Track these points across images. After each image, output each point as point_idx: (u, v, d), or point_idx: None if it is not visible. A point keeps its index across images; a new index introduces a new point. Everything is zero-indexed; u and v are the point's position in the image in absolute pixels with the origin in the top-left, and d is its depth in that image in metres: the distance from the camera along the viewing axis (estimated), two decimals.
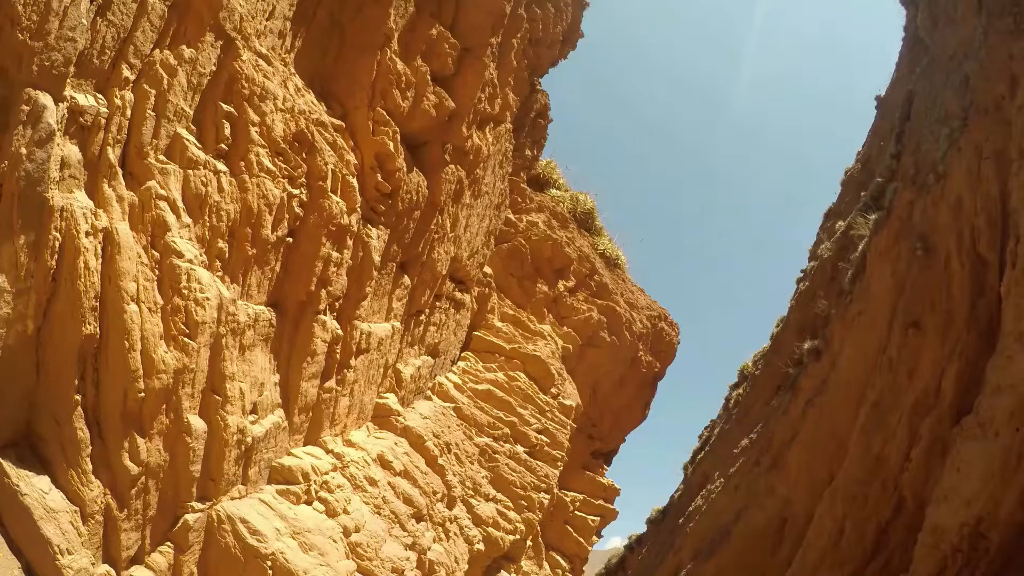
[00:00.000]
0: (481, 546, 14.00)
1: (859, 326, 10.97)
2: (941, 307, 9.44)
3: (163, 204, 6.53)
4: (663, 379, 22.00)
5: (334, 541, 9.36)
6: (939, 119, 8.33)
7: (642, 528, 28.28)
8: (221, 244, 7.53)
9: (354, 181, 10.04)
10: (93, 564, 6.63)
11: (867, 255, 10.30)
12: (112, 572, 6.95)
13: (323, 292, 9.80)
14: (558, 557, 19.15)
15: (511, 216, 17.18)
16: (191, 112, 6.90)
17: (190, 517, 7.71)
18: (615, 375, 19.93)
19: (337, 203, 9.57)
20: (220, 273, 7.65)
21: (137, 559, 7.32)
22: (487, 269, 16.21)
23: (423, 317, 13.71)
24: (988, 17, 7.06)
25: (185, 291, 6.89)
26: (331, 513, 9.66)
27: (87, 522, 6.40)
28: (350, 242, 10.21)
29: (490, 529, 14.34)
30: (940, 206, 8.26)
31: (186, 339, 6.99)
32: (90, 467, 6.21)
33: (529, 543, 16.65)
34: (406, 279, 12.58)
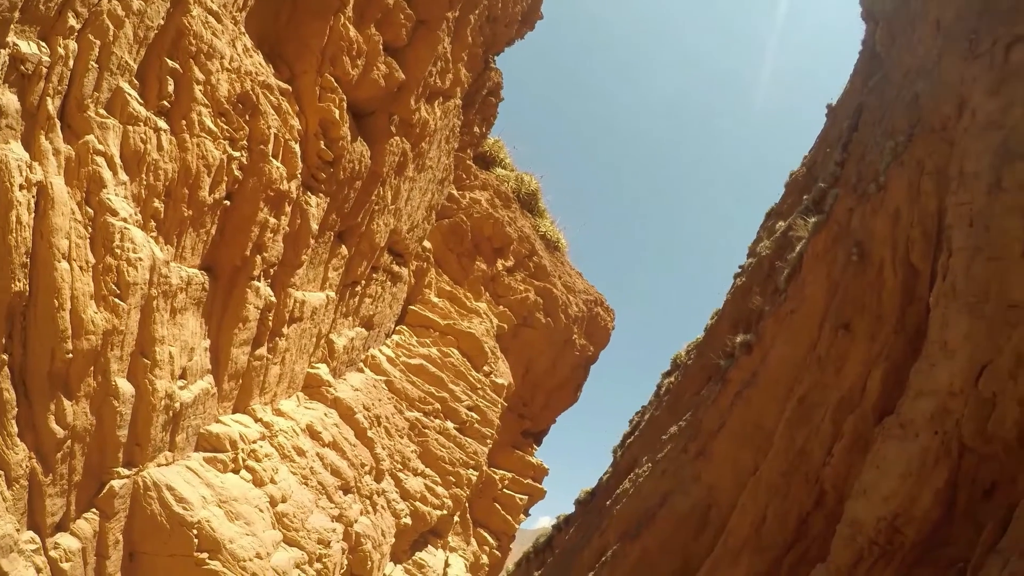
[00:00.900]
0: (408, 520, 14.07)
1: (791, 324, 11.44)
2: (872, 311, 9.93)
3: (100, 160, 6.25)
4: (596, 363, 22.43)
5: (260, 511, 9.27)
6: (886, 132, 8.71)
7: (571, 508, 28.91)
8: (157, 204, 7.27)
9: (296, 147, 9.82)
10: (18, 530, 6.40)
11: (804, 256, 10.77)
12: (36, 539, 6.72)
13: (258, 258, 9.59)
14: (485, 534, 19.41)
15: (454, 192, 17.13)
16: (135, 66, 6.60)
17: (116, 483, 7.49)
18: (548, 356, 20.21)
19: (278, 168, 9.35)
20: (154, 233, 7.39)
21: (62, 525, 7.10)
22: (426, 244, 16.14)
23: (359, 288, 13.58)
24: (945, 40, 7.40)
25: (118, 250, 6.64)
26: (258, 482, 9.55)
27: (11, 486, 6.14)
28: (288, 208, 10.01)
29: (417, 503, 14.42)
30: (878, 215, 8.69)
31: (117, 300, 6.74)
32: (15, 429, 5.94)
33: (457, 519, 16.82)
34: (343, 249, 12.43)
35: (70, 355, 6.19)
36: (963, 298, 7.89)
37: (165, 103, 7.19)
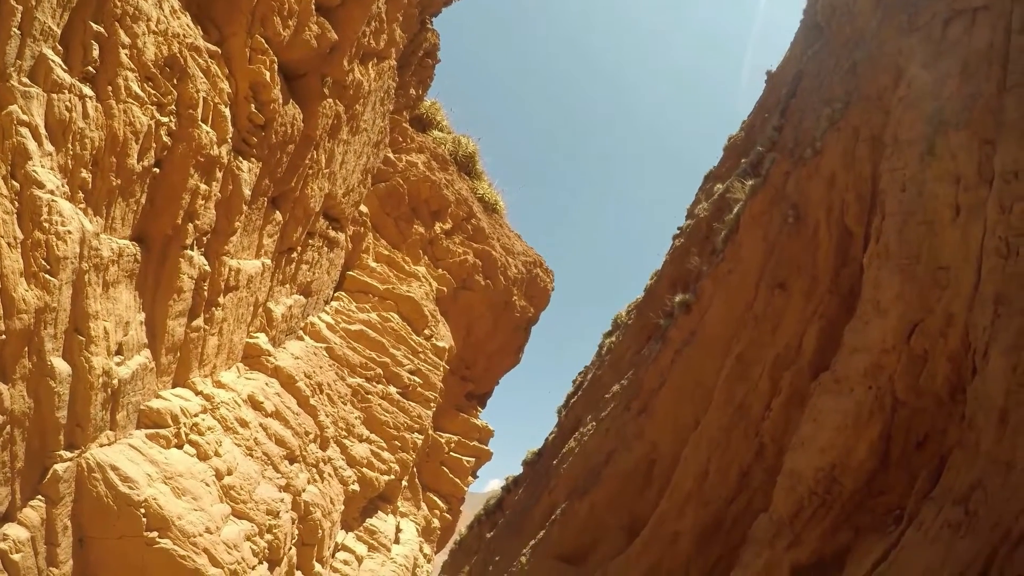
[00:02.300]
0: (356, 487, 14.09)
1: (729, 283, 11.85)
2: (807, 271, 10.35)
3: (24, 131, 5.87)
4: (537, 324, 22.69)
5: (207, 485, 9.14)
6: (823, 99, 9.00)
7: (519, 470, 29.54)
8: (84, 174, 6.91)
9: (226, 111, 9.46)
10: None
11: (741, 218, 11.09)
12: None
13: (190, 226, 9.26)
14: (435, 498, 19.62)
15: (390, 155, 16.84)
16: (59, 31, 6.20)
17: (59, 467, 7.27)
18: (489, 318, 20.32)
19: (207, 133, 9.00)
20: (83, 205, 7.04)
21: (9, 516, 6.88)
22: (363, 208, 15.88)
23: (295, 255, 13.31)
24: (884, 12, 7.63)
25: (46, 224, 6.31)
26: (202, 456, 9.39)
27: None
28: (220, 174, 9.67)
29: (364, 470, 14.45)
30: (814, 179, 9.01)
31: (48, 276, 6.43)
32: None
33: (405, 483, 16.93)
34: (278, 215, 12.13)
35: (3, 336, 5.91)
36: (895, 260, 8.31)
37: (90, 69, 6.80)
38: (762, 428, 11.70)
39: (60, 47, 6.44)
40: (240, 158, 10.17)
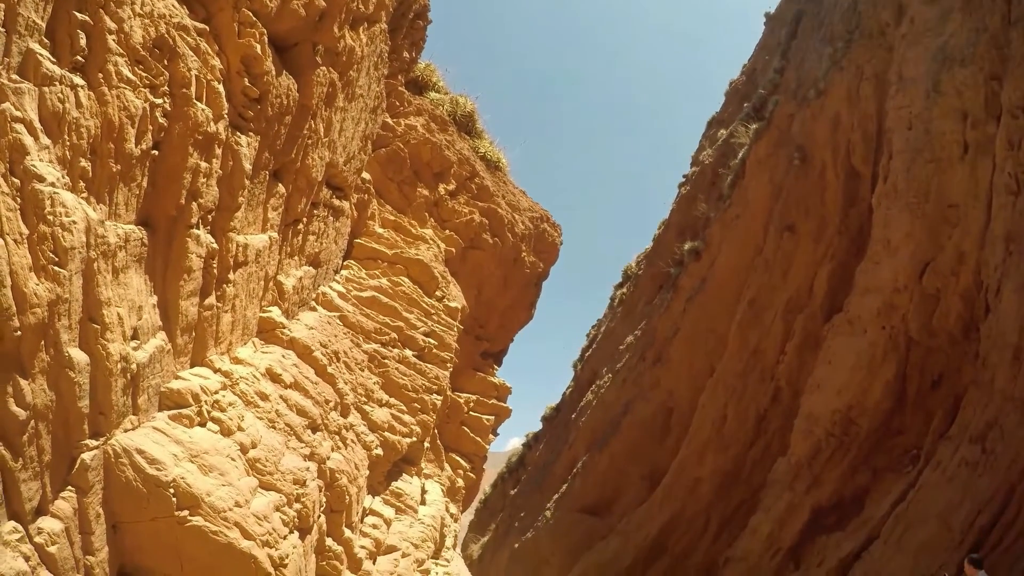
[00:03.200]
0: (379, 451, 14.29)
1: (737, 228, 11.76)
2: (815, 213, 10.23)
3: (19, 127, 5.85)
4: (547, 279, 22.69)
5: (232, 459, 9.24)
6: (824, 39, 8.77)
7: (539, 427, 29.90)
8: (83, 163, 6.90)
9: (220, 87, 9.37)
10: None
11: (746, 162, 10.93)
12: (19, 527, 6.63)
13: (194, 205, 9.27)
14: (458, 458, 19.90)
15: (388, 120, 16.66)
16: (43, 25, 6.13)
17: (86, 456, 7.37)
18: (499, 276, 20.33)
19: (203, 110, 8.94)
20: (85, 194, 7.04)
21: (42, 509, 7.00)
22: (365, 175, 15.79)
23: (301, 226, 13.31)
24: None
25: (50, 217, 6.32)
26: (226, 432, 9.48)
27: None
28: (219, 151, 9.64)
29: (386, 434, 14.64)
30: (819, 120, 8.85)
31: (57, 268, 6.48)
32: None
33: (427, 445, 17.14)
34: (280, 187, 12.10)
35: (18, 332, 5.97)
36: (904, 198, 8.20)
37: (79, 58, 6.74)
38: (777, 372, 11.74)
39: (47, 40, 6.39)
40: (238, 133, 10.10)
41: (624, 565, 25.16)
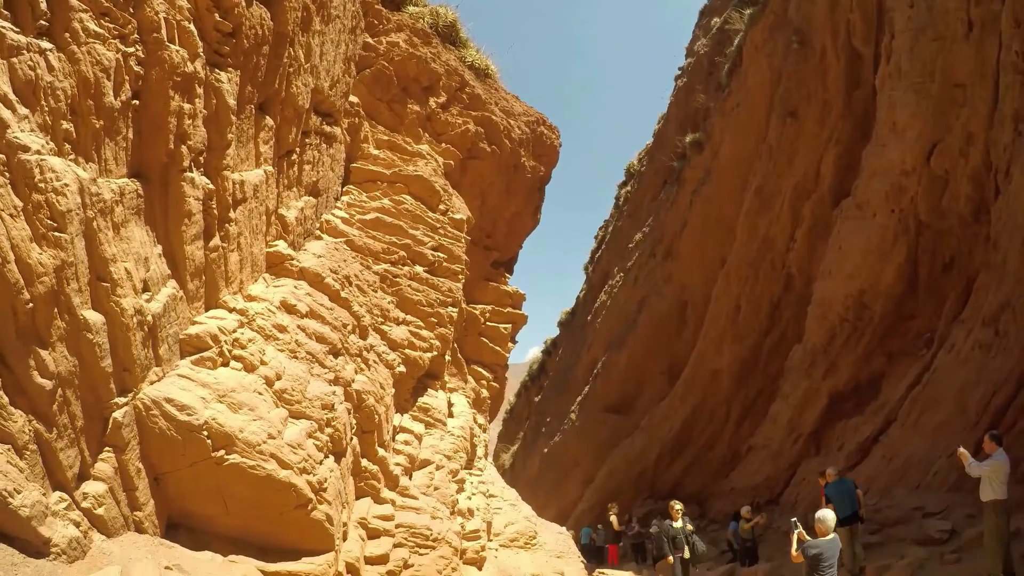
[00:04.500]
0: (402, 368, 14.61)
1: (738, 117, 11.43)
2: (817, 97, 9.90)
3: None
4: (550, 183, 22.45)
5: (260, 394, 9.45)
6: None
7: (556, 333, 30.15)
8: (65, 125, 6.79)
9: (191, 26, 9.07)
10: (44, 494, 6.53)
11: (743, 49, 10.54)
12: (65, 496, 6.88)
13: (183, 148, 9.15)
14: (480, 369, 20.32)
15: (369, 40, 16.09)
16: None
17: (117, 414, 7.55)
18: (501, 184, 20.15)
19: (177, 52, 8.70)
20: (72, 156, 6.96)
21: (83, 474, 7.22)
22: (353, 98, 15.42)
23: (295, 157, 13.15)
24: None
25: (41, 185, 6.29)
26: (249, 368, 9.66)
27: (23, 455, 6.22)
28: (200, 90, 9.44)
29: (407, 351, 14.93)
30: (815, 1, 8.45)
31: (57, 233, 6.50)
32: (6, 400, 5.94)
33: (448, 359, 17.48)
34: (268, 120, 11.89)
35: (30, 304, 6.06)
36: (909, 79, 7.92)
37: (43, 23, 6.53)
38: (788, 259, 11.67)
39: (6, 11, 6.20)
40: (217, 70, 9.86)
41: (651, 460, 26.04)
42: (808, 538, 9.29)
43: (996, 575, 9.87)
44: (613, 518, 22.39)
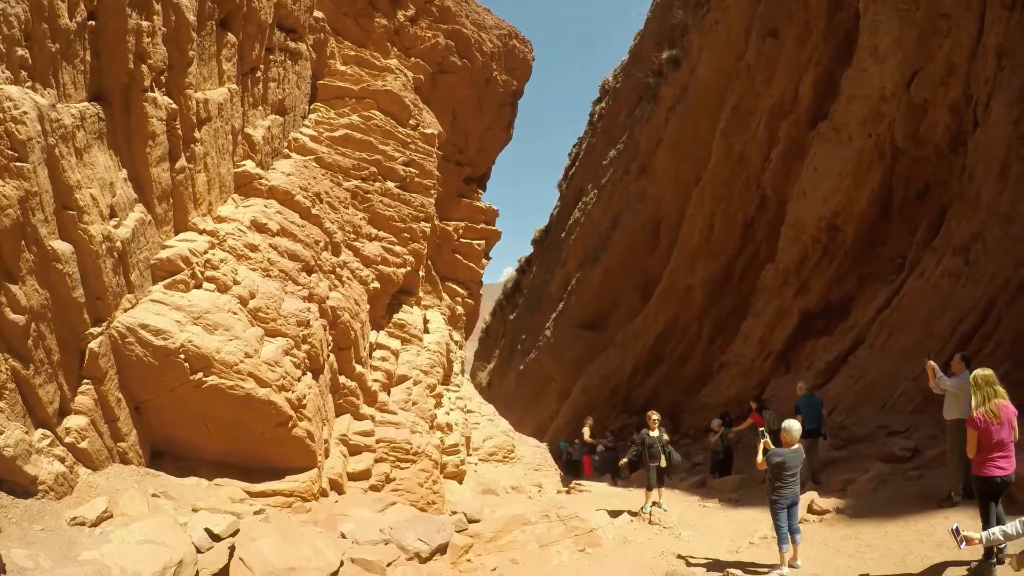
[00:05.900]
0: (376, 284, 14.67)
1: (716, 34, 11.20)
2: (798, 18, 9.69)
3: None
4: (524, 99, 22.05)
5: (234, 313, 9.47)
6: None
7: (530, 252, 30.07)
8: (20, 51, 6.50)
9: None
10: (27, 433, 6.54)
11: None
12: (47, 432, 6.91)
13: (143, 67, 8.83)
14: (454, 286, 20.43)
15: None
16: None
17: (93, 344, 7.52)
18: (472, 98, 19.74)
19: None
20: (29, 83, 6.72)
21: (64, 409, 7.23)
22: (318, 13, 14.85)
23: (259, 75, 12.77)
24: None
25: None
26: (222, 288, 9.65)
27: (2, 395, 6.21)
28: (158, 7, 9.03)
29: (380, 267, 14.96)
30: None
31: (19, 163, 6.33)
32: None
33: (422, 275, 17.57)
34: (230, 36, 11.48)
35: None
36: (894, 5, 7.83)
37: None
38: (763, 180, 11.73)
39: None
40: None
41: (625, 374, 26.58)
42: (773, 447, 9.64)
43: (956, 491, 10.08)
44: (586, 430, 23.01)
